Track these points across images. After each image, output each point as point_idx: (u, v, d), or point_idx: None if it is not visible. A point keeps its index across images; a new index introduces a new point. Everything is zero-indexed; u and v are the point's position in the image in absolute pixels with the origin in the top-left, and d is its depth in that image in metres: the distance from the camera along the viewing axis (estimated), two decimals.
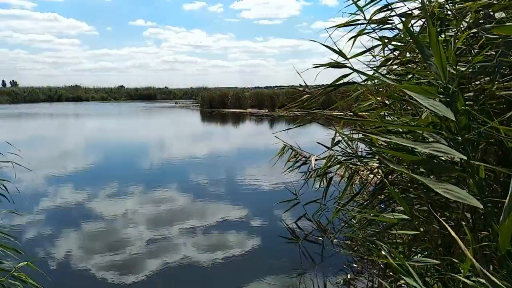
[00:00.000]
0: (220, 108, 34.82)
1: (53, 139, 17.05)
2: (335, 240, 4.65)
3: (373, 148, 2.21)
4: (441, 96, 1.33)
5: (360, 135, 3.42)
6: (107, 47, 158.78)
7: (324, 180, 4.87)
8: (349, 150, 3.93)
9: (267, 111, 33.15)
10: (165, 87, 69.23)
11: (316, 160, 4.76)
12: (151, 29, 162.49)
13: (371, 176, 2.67)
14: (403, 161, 1.90)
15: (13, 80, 68.04)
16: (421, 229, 1.88)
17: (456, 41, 1.66)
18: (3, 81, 65.23)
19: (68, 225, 5.74)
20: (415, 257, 1.91)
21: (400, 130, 1.79)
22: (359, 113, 2.68)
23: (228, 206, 6.66)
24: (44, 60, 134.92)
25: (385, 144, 1.88)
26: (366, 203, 2.59)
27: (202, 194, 7.53)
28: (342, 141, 3.95)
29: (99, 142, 16.11)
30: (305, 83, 3.17)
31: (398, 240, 2.29)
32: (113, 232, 5.54)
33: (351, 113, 2.67)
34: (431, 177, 1.55)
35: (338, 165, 3.87)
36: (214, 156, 12.36)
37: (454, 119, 1.28)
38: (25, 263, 2.32)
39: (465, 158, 1.25)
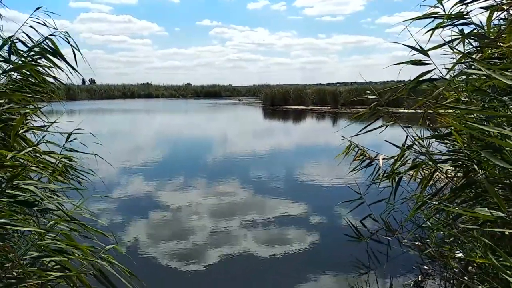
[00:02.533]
0: (282, 105, 34.88)
1: (127, 133, 18.21)
2: (404, 240, 4.51)
3: (456, 145, 2.14)
4: None
5: (431, 133, 3.30)
6: (176, 46, 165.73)
7: (393, 179, 4.75)
8: (419, 149, 3.80)
9: (329, 108, 32.65)
10: (229, 84, 70.91)
11: (384, 159, 4.65)
12: (216, 28, 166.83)
13: (451, 175, 2.57)
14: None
15: (91, 78, 73.46)
16: None
17: None
18: (83, 79, 70.47)
19: (138, 213, 6.13)
20: None
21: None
22: (440, 110, 2.58)
23: (289, 202, 6.70)
24: (119, 60, 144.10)
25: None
26: (445, 202, 2.49)
27: (263, 188, 7.65)
28: (414, 139, 3.82)
29: (168, 136, 16.93)
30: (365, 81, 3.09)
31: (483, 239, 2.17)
32: (178, 222, 5.82)
33: (431, 110, 2.58)
34: None
35: (409, 165, 3.76)
36: (275, 152, 12.46)
37: None
38: (112, 246, 2.54)
39: None
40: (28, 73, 3.17)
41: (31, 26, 3.20)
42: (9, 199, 1.76)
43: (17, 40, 3.16)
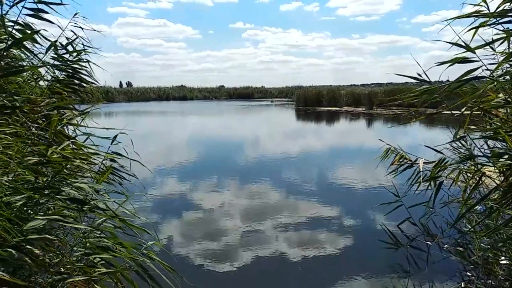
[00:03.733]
0: (315, 106, 34.60)
1: (162, 134, 18.63)
2: (445, 246, 4.37)
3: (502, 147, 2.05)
4: None
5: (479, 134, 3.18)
6: (209, 49, 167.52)
7: (434, 183, 4.60)
8: (462, 152, 3.66)
9: (364, 109, 32.07)
10: (262, 86, 71.05)
11: (424, 163, 4.51)
12: (249, 30, 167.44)
13: (497, 179, 2.47)
14: None
15: (128, 81, 75.84)
16: None
17: None
18: (120, 82, 73.00)
19: (172, 213, 6.24)
20: None
21: None
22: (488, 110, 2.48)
23: (322, 204, 6.62)
24: (155, 63, 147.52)
25: None
26: (494, 207, 2.39)
27: (296, 190, 7.60)
28: (456, 142, 3.69)
29: (202, 138, 17.18)
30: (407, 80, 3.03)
31: None
32: (210, 222, 5.88)
33: (479, 111, 2.49)
34: None
35: (451, 168, 3.64)
36: (309, 154, 12.37)
37: None
38: (153, 242, 2.61)
39: None
40: (71, 75, 3.32)
41: (72, 31, 3.34)
42: (61, 196, 1.85)
43: (61, 47, 3.32)
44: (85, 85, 3.24)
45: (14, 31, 2.75)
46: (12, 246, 1.53)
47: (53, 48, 3.09)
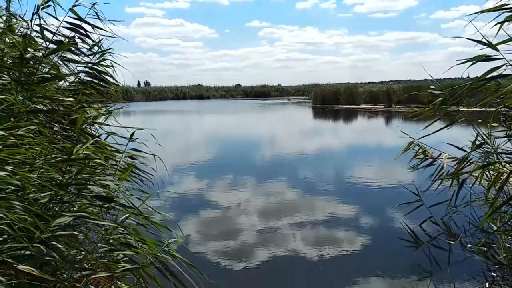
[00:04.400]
0: (333, 104, 34.34)
1: (179, 133, 18.80)
2: (468, 245, 4.29)
3: None
4: None
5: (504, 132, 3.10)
6: (225, 48, 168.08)
7: (457, 180, 4.51)
8: (488, 149, 3.58)
9: (382, 107, 31.67)
10: (278, 84, 70.94)
11: (448, 158, 4.43)
12: (265, 29, 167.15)
13: None
14: None
15: (146, 81, 76.85)
16: None
17: None
18: (138, 81, 73.99)
19: (190, 210, 6.28)
20: None
21: None
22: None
23: (340, 203, 6.55)
24: (172, 62, 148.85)
25: None
26: None
27: (313, 189, 7.56)
28: (480, 140, 3.61)
29: (219, 136, 17.26)
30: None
31: None
32: (227, 220, 5.88)
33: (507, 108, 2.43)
34: None
35: (475, 166, 3.56)
36: (326, 152, 12.30)
37: None
38: (174, 240, 2.63)
39: None
40: (92, 75, 3.38)
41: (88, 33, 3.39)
42: (87, 193, 1.89)
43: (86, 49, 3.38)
44: (107, 85, 3.29)
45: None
46: (40, 241, 1.57)
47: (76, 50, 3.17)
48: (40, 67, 2.62)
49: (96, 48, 3.40)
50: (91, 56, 3.38)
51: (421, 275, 4.08)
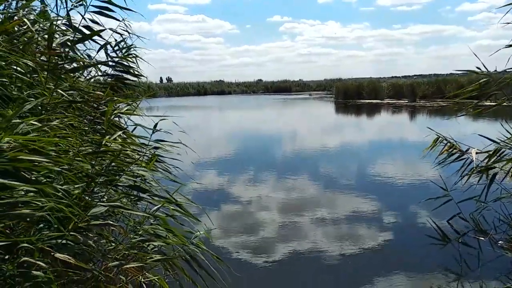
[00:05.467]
0: (355, 99, 33.88)
1: (200, 128, 18.93)
2: (500, 242, 4.16)
3: None
4: None
5: None
6: (246, 43, 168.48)
7: (487, 175, 4.38)
8: None
9: (407, 101, 31.05)
10: (300, 79, 70.51)
11: (477, 153, 4.31)
12: (287, 24, 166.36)
13: None
14: None
15: (168, 77, 77.72)
16: None
17: None
18: (161, 77, 74.92)
19: (210, 205, 6.28)
20: None
21: None
22: None
23: (363, 198, 6.43)
24: (193, 58, 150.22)
25: None
26: None
27: (333, 184, 7.46)
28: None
29: (240, 131, 17.31)
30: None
31: None
32: (248, 215, 5.85)
33: None
34: None
35: (505, 160, 3.46)
36: (349, 148, 12.14)
37: None
38: (201, 232, 2.65)
39: None
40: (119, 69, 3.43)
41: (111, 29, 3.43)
42: (121, 183, 1.92)
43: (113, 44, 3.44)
44: (133, 78, 3.34)
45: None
46: (75, 231, 1.61)
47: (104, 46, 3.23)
48: (69, 56, 2.67)
49: (122, 44, 3.47)
50: (117, 52, 3.45)
51: (449, 272, 3.98)
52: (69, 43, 2.73)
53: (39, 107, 2.33)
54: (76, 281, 1.75)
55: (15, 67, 2.21)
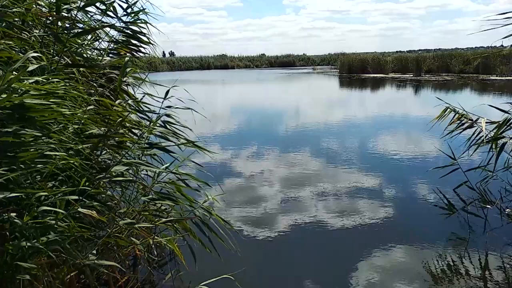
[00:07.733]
0: (360, 73, 33.50)
1: (204, 102, 18.80)
2: (507, 210, 4.17)
3: None
4: None
5: None
6: (250, 17, 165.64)
7: (495, 145, 4.35)
8: None
9: (411, 75, 30.69)
10: (303, 53, 69.52)
11: (487, 123, 4.26)
12: None
13: None
14: None
15: (171, 51, 76.89)
16: None
17: None
18: (163, 51, 73.95)
19: (212, 179, 6.21)
20: None
21: None
22: None
23: (367, 171, 6.36)
24: (196, 32, 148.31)
25: None
26: None
27: (338, 158, 7.40)
28: None
29: (243, 106, 17.22)
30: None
31: None
32: (250, 189, 5.80)
33: None
34: None
35: None
36: (353, 121, 12.07)
37: None
38: (210, 198, 2.66)
39: None
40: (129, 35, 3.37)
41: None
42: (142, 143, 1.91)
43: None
44: (144, 45, 3.28)
45: None
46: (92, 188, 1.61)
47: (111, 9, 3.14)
48: (75, 21, 2.60)
49: (129, 10, 3.38)
50: (124, 18, 3.36)
51: (456, 241, 3.99)
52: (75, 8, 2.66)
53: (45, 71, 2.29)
54: (86, 239, 1.76)
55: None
